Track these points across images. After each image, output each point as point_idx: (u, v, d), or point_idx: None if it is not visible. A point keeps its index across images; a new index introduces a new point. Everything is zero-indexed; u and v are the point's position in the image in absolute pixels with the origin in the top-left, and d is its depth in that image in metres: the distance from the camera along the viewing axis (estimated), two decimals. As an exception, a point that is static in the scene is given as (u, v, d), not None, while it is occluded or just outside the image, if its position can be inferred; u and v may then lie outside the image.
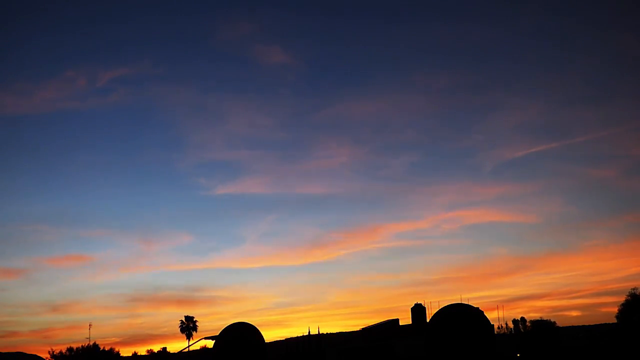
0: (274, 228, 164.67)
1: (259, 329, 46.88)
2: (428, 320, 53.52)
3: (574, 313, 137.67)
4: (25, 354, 67.53)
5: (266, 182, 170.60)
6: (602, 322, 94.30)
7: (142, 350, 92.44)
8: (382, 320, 65.31)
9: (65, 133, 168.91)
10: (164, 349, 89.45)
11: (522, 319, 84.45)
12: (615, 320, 68.05)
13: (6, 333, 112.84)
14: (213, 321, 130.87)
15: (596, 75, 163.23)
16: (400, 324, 62.23)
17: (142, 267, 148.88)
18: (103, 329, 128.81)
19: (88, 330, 77.75)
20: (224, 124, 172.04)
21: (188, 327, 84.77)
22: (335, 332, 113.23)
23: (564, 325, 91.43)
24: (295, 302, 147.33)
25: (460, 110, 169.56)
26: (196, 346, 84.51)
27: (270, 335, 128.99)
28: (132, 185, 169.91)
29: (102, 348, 78.09)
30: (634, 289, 64.19)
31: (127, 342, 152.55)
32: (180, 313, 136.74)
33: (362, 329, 66.62)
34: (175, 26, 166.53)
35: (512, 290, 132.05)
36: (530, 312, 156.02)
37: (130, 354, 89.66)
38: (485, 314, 44.22)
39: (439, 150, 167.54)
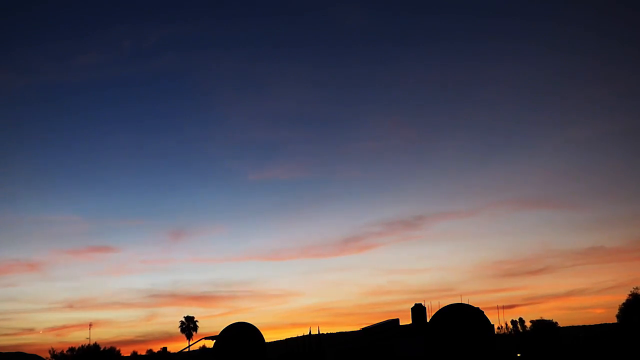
0: (307, 218, 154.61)
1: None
2: (428, 320, 53.51)
3: (599, 310, 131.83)
4: (26, 354, 67.40)
5: (302, 167, 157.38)
6: (603, 322, 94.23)
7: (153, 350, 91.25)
8: (383, 320, 65.27)
9: (98, 112, 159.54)
10: (164, 349, 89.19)
11: (521, 319, 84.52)
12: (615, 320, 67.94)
13: (21, 331, 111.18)
14: (227, 320, 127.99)
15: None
16: (401, 323, 62.17)
17: (166, 261, 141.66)
18: (118, 328, 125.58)
19: (89, 330, 77.73)
20: (266, 98, 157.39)
21: (188, 327, 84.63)
22: (335, 332, 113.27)
23: (565, 325, 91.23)
24: (319, 301, 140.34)
25: (530, 81, 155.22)
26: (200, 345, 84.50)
27: (283, 334, 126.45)
28: (162, 167, 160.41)
29: (102, 348, 77.88)
30: (635, 288, 64.17)
31: (140, 342, 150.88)
32: (194, 311, 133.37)
33: (362, 328, 66.44)
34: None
35: (538, 289, 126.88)
36: (553, 309, 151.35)
37: (139, 354, 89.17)
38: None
39: (494, 131, 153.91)
